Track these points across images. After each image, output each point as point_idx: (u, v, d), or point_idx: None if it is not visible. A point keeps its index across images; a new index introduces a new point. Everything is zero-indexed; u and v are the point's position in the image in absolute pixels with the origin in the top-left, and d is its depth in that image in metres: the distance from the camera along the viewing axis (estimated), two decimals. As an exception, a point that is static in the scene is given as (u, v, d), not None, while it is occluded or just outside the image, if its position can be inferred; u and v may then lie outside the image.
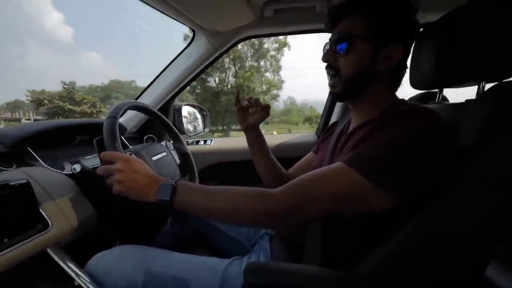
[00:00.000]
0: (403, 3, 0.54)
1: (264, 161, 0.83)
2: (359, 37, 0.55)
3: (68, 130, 0.91)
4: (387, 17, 0.54)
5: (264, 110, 0.80)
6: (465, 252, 0.47)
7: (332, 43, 0.59)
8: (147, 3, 0.88)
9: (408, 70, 0.62)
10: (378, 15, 0.54)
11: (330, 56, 0.60)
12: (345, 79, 0.58)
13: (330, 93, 0.63)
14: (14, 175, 0.60)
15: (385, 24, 0.54)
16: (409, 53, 0.59)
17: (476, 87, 0.56)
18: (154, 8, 0.92)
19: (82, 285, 0.55)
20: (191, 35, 1.19)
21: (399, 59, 0.55)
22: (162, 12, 0.96)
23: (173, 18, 1.00)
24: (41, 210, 0.57)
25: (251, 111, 0.81)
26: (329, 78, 0.62)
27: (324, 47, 0.62)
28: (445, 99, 0.73)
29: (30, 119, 35.77)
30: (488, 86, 0.54)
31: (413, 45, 0.60)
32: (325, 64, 0.62)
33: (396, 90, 0.62)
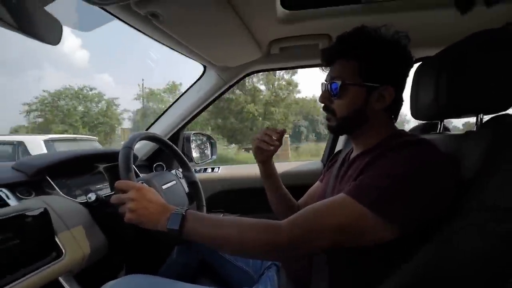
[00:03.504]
0: (389, 46, 0.57)
1: (277, 193, 0.82)
2: (350, 82, 0.58)
3: (85, 159, 0.95)
4: (375, 61, 0.56)
5: (279, 139, 0.76)
6: (475, 286, 0.45)
7: (326, 86, 0.62)
8: (160, 42, 0.95)
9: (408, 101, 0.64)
10: (366, 59, 0.57)
11: (325, 99, 0.62)
12: (339, 118, 0.61)
13: (327, 127, 0.66)
14: (34, 203, 0.63)
15: (374, 68, 0.56)
16: (404, 88, 0.61)
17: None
18: (168, 46, 0.98)
19: None
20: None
21: (392, 98, 0.57)
22: (175, 50, 1.02)
23: (185, 55, 1.08)
24: (56, 239, 0.59)
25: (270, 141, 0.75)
26: (326, 114, 0.65)
27: (321, 85, 0.66)
28: (446, 129, 0.75)
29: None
30: (486, 117, 0.55)
31: (411, 78, 0.62)
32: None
33: (394, 121, 0.63)
